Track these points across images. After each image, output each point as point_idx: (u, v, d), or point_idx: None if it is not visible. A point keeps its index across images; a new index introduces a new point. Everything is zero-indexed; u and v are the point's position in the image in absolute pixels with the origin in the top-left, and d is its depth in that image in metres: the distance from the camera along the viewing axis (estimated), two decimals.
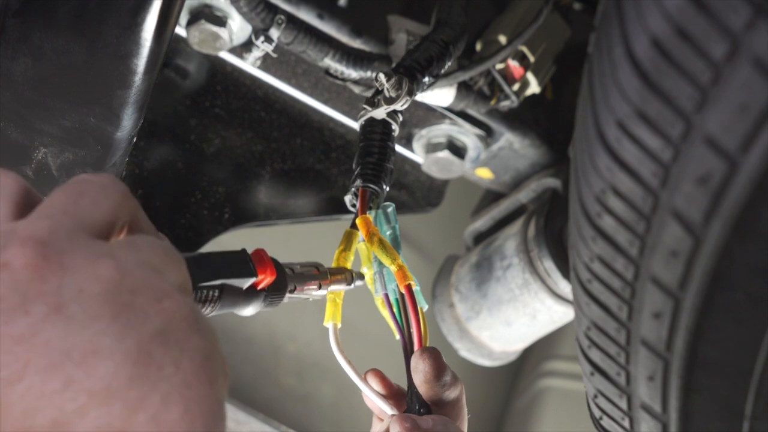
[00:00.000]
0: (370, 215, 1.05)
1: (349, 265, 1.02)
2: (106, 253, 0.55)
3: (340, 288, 0.99)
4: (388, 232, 1.05)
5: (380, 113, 1.14)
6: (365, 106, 1.14)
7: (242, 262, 0.87)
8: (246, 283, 0.86)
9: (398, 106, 1.13)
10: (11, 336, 0.50)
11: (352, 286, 1.00)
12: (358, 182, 1.09)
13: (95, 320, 0.51)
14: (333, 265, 1.02)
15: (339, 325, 1.00)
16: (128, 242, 0.58)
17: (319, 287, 0.97)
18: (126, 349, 0.51)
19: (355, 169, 1.11)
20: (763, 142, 0.69)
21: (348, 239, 1.05)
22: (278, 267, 0.90)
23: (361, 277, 1.02)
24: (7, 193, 0.59)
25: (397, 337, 0.99)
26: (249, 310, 0.88)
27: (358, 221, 1.03)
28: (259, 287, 0.88)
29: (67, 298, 0.52)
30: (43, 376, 0.49)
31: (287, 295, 0.93)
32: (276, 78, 1.57)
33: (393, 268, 0.99)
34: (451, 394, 0.96)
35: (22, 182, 0.61)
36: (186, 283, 0.60)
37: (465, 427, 0.97)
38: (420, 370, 0.95)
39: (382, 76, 1.12)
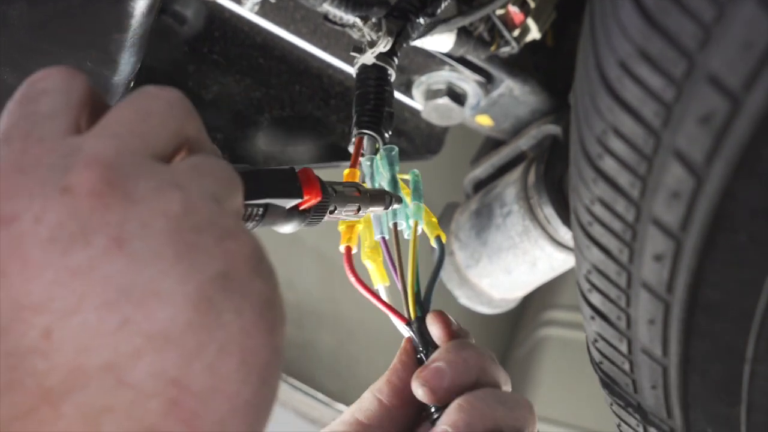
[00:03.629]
0: (368, 161, 1.05)
1: None
2: (171, 182, 0.53)
3: (377, 210, 0.98)
4: (388, 174, 1.04)
5: (369, 58, 1.13)
6: (353, 53, 1.14)
7: (291, 182, 0.85)
8: (291, 203, 0.85)
9: (381, 48, 1.13)
10: (68, 267, 0.48)
11: (390, 209, 0.99)
12: (355, 130, 1.09)
13: (158, 259, 0.50)
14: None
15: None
16: (192, 167, 0.56)
17: (358, 210, 0.96)
18: (187, 293, 0.49)
19: (353, 118, 1.10)
20: (767, 79, 0.69)
21: None
22: (323, 187, 0.89)
23: (399, 200, 1.00)
24: (75, 101, 0.57)
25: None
26: (288, 228, 0.87)
27: (345, 173, 1.03)
28: (302, 207, 0.87)
29: (130, 233, 0.50)
30: (99, 313, 0.48)
31: (327, 215, 0.93)
32: (274, 24, 1.55)
33: (339, 227, 1.00)
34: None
35: (89, 87, 0.59)
36: (241, 208, 0.59)
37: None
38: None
39: (358, 21, 1.12)
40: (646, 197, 0.83)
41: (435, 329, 0.93)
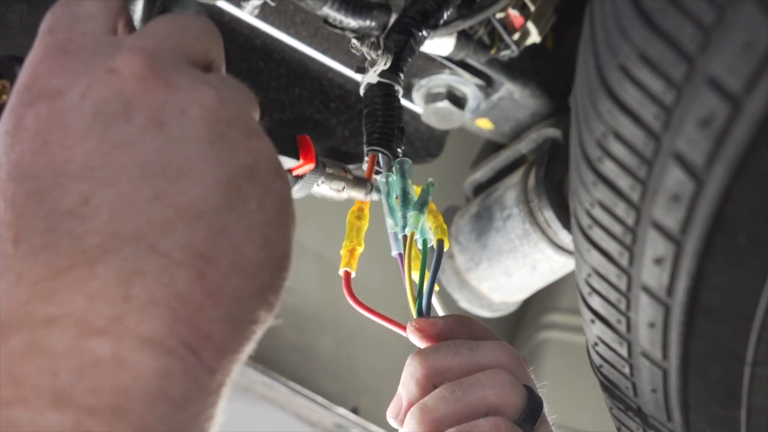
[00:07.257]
0: (383, 179, 1.05)
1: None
2: (206, 81, 0.57)
3: (358, 196, 1.01)
4: (399, 186, 1.04)
5: (372, 77, 1.14)
6: (356, 74, 1.15)
7: (289, 143, 0.88)
8: (287, 163, 0.87)
9: (382, 66, 1.13)
10: (109, 140, 0.52)
11: (368, 198, 1.02)
12: (365, 149, 1.09)
13: (192, 143, 0.54)
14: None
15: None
16: (220, 78, 0.60)
17: (342, 190, 0.99)
18: (217, 177, 0.53)
19: (364, 137, 1.11)
20: (767, 82, 0.69)
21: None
22: (317, 157, 0.92)
23: (378, 191, 1.03)
24: (114, 8, 0.61)
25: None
26: None
27: (356, 201, 1.04)
28: (295, 172, 0.89)
29: (169, 116, 0.54)
30: (135, 184, 0.51)
31: (315, 187, 0.94)
32: (274, 27, 1.55)
33: (342, 251, 1.01)
34: None
35: (123, 4, 0.63)
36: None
37: None
38: None
39: (355, 42, 1.12)
40: (646, 200, 0.83)
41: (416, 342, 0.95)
